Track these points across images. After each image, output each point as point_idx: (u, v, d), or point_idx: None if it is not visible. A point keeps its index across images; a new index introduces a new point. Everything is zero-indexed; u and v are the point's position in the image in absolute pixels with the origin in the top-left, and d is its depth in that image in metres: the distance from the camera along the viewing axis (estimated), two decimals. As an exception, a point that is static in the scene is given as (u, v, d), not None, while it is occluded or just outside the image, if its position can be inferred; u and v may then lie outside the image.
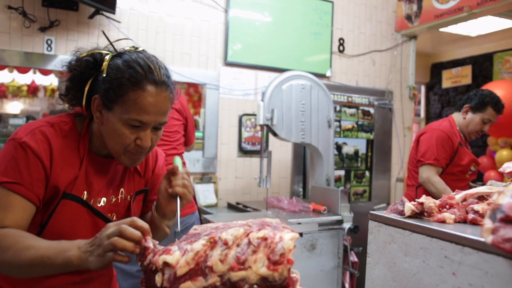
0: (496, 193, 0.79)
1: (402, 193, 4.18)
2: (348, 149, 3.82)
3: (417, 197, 2.16)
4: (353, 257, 2.65)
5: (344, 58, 4.07)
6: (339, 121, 3.76)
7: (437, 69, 6.30)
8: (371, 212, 1.18)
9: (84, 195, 1.14)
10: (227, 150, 3.56)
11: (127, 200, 1.27)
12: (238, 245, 0.79)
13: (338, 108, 3.75)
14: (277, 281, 0.75)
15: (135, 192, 1.29)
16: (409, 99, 4.45)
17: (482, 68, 5.61)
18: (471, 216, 1.00)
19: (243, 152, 3.62)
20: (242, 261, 0.76)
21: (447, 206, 1.07)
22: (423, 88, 6.50)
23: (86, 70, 1.15)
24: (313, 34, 3.88)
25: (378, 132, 3.98)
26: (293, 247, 0.77)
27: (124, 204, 1.27)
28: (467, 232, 0.90)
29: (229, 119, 3.58)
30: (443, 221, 1.01)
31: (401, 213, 1.09)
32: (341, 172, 3.78)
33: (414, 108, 4.48)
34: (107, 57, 1.13)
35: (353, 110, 3.84)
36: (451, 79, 6.02)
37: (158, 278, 0.78)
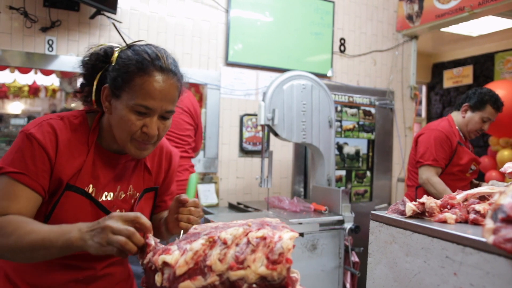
0: (498, 193, 0.78)
1: (403, 193, 4.18)
2: (349, 149, 3.82)
3: (417, 198, 2.16)
4: (354, 257, 2.65)
5: (345, 58, 4.07)
6: (340, 121, 3.76)
7: (438, 69, 6.29)
8: (372, 212, 1.18)
9: (90, 188, 1.15)
10: (228, 150, 3.56)
11: (136, 197, 1.27)
12: (237, 245, 0.79)
13: (339, 108, 3.75)
14: (276, 281, 0.75)
15: (144, 189, 1.29)
16: (410, 99, 4.45)
17: (483, 68, 5.60)
18: (473, 216, 1.00)
19: (244, 152, 3.62)
20: (241, 261, 0.76)
21: (448, 206, 1.07)
22: (424, 88, 6.50)
23: (97, 63, 1.17)
24: (314, 34, 3.88)
25: (379, 132, 3.98)
26: (292, 247, 0.77)
27: (132, 201, 1.26)
28: (468, 232, 0.90)
29: (230, 119, 3.58)
30: (444, 221, 1.01)
31: (402, 213, 1.09)
32: (342, 172, 3.78)
33: (415, 108, 4.48)
34: (117, 49, 1.15)
35: (354, 110, 3.84)
36: (452, 79, 6.01)
37: (158, 278, 0.79)
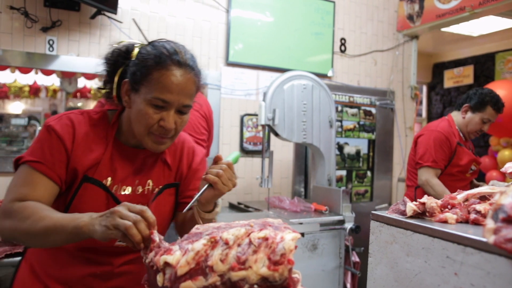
0: (498, 193, 0.78)
1: (404, 193, 4.17)
2: (350, 149, 3.82)
3: (416, 198, 2.16)
4: (355, 257, 2.65)
5: (346, 58, 4.07)
6: (341, 121, 3.76)
7: (439, 69, 6.29)
8: (373, 212, 1.18)
9: (108, 181, 1.17)
10: (229, 150, 3.56)
11: (154, 193, 1.26)
12: (239, 245, 0.78)
13: (340, 108, 3.75)
14: (278, 281, 0.75)
15: (164, 185, 1.28)
16: (411, 99, 4.45)
17: (484, 68, 5.60)
18: (473, 216, 1.00)
19: (245, 152, 3.62)
20: (243, 261, 0.76)
21: (449, 206, 1.07)
22: (425, 88, 6.49)
23: (118, 59, 1.20)
24: (315, 34, 3.88)
25: (380, 132, 3.98)
26: (294, 248, 0.77)
27: (151, 196, 1.25)
28: (469, 232, 0.90)
29: (231, 119, 3.58)
30: (445, 221, 1.01)
31: (403, 213, 1.09)
32: (343, 172, 3.78)
33: (416, 108, 4.48)
34: (138, 45, 1.19)
35: (355, 110, 3.84)
36: (453, 79, 6.00)
37: (160, 278, 0.79)
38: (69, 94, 4.52)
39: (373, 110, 3.96)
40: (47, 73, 4.85)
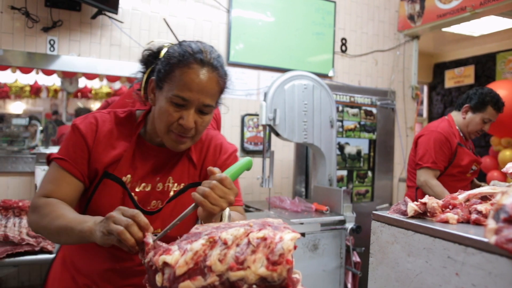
0: (500, 193, 0.78)
1: (405, 194, 4.17)
2: (351, 149, 3.81)
3: (417, 198, 2.15)
4: (356, 257, 2.65)
5: (347, 58, 4.07)
6: (342, 121, 3.76)
7: (440, 69, 6.28)
8: (374, 212, 1.18)
9: (128, 178, 1.18)
10: (230, 150, 3.55)
11: (176, 190, 1.25)
12: (238, 245, 0.78)
13: (341, 108, 3.75)
14: (276, 282, 0.74)
15: (188, 184, 1.26)
16: (412, 99, 4.45)
17: (485, 68, 5.59)
18: (474, 217, 1.00)
19: (246, 152, 3.62)
20: (241, 261, 0.76)
21: (450, 206, 1.07)
22: (426, 88, 6.49)
23: (149, 59, 1.22)
24: (316, 34, 3.87)
25: (381, 132, 3.98)
26: (293, 248, 0.76)
27: (172, 193, 1.24)
28: (470, 233, 0.89)
29: (232, 119, 3.58)
30: (446, 221, 1.01)
31: (404, 213, 1.09)
32: (344, 172, 3.78)
33: (417, 108, 4.48)
34: (167, 45, 1.20)
35: (356, 110, 3.84)
36: (454, 79, 6.00)
37: (158, 278, 0.79)
38: (70, 94, 4.51)
39: (374, 110, 3.95)
40: (48, 73, 4.84)
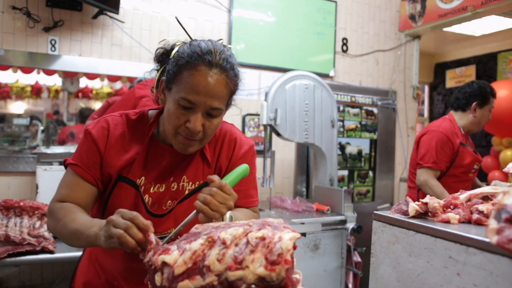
0: (501, 193, 0.78)
1: (406, 194, 4.17)
2: (352, 149, 3.81)
3: (419, 199, 2.15)
4: (357, 257, 2.65)
5: (348, 58, 4.07)
6: (343, 121, 3.76)
7: (441, 69, 6.27)
8: (375, 212, 1.18)
9: (142, 181, 1.18)
10: (230, 150, 3.55)
11: (190, 189, 1.24)
12: (237, 245, 0.78)
13: (342, 108, 3.75)
14: (275, 281, 0.74)
15: (202, 183, 1.25)
16: (413, 99, 4.44)
17: (486, 68, 5.58)
18: (476, 217, 1.00)
19: (246, 152, 3.62)
20: (240, 261, 0.76)
21: (452, 206, 1.07)
22: (427, 88, 6.48)
23: (163, 58, 1.20)
24: (317, 34, 3.87)
25: (382, 132, 3.97)
26: (293, 248, 0.76)
27: (186, 192, 1.23)
28: (472, 233, 0.89)
29: (232, 119, 3.57)
30: (448, 221, 1.01)
31: (405, 213, 1.09)
32: (345, 172, 3.77)
33: (418, 108, 4.47)
34: (179, 44, 1.18)
35: (357, 110, 3.83)
36: (455, 79, 5.99)
37: (158, 278, 0.79)
38: (71, 94, 4.52)
39: (375, 110, 3.95)
40: (49, 73, 4.85)
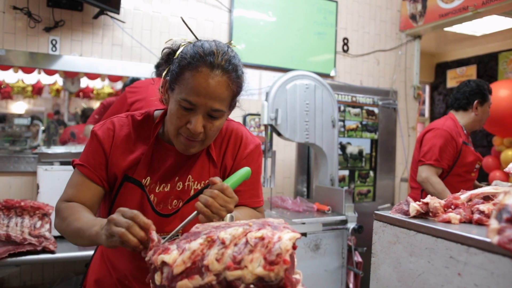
0: (502, 193, 0.78)
1: (407, 193, 4.16)
2: (352, 149, 3.81)
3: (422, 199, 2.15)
4: (357, 257, 2.65)
5: (348, 58, 4.07)
6: (343, 121, 3.76)
7: (442, 69, 6.27)
8: (376, 212, 1.18)
9: (147, 181, 1.19)
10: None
11: (197, 188, 1.24)
12: (236, 245, 0.79)
13: (342, 108, 3.75)
14: (274, 281, 0.74)
15: (208, 184, 1.25)
16: (414, 99, 4.44)
17: (487, 68, 5.58)
18: (477, 216, 1.00)
19: (247, 152, 3.62)
20: (238, 261, 0.76)
21: (453, 206, 1.07)
22: (428, 88, 6.47)
23: (169, 58, 1.21)
24: (317, 34, 3.87)
25: (383, 132, 3.97)
26: (292, 248, 0.76)
27: (192, 192, 1.23)
28: (473, 233, 0.89)
29: (233, 119, 3.57)
30: (449, 221, 1.01)
31: (406, 213, 1.09)
32: (345, 172, 3.77)
33: (419, 108, 4.46)
34: (184, 44, 1.18)
35: (357, 110, 3.83)
36: (456, 79, 5.99)
37: (157, 277, 0.80)
38: (72, 94, 4.53)
39: (376, 110, 3.95)
40: (50, 73, 4.85)
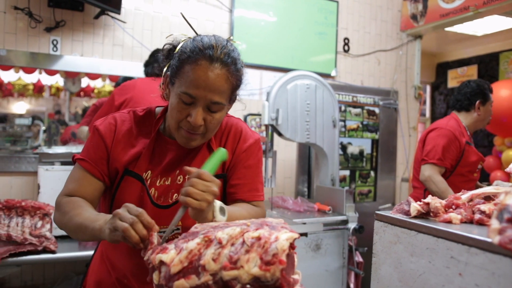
0: (503, 193, 0.78)
1: (408, 193, 4.16)
2: (353, 149, 3.81)
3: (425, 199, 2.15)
4: (358, 257, 2.65)
5: (349, 58, 4.06)
6: (344, 121, 3.75)
7: (443, 69, 6.26)
8: (377, 212, 1.18)
9: (148, 174, 1.19)
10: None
11: None
12: (233, 244, 0.79)
13: (343, 108, 3.74)
14: (270, 281, 0.74)
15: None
16: (415, 99, 4.43)
17: (488, 68, 5.57)
18: (478, 217, 1.00)
19: (248, 152, 3.62)
20: (235, 261, 0.76)
21: (453, 206, 1.07)
22: (429, 88, 6.47)
23: (169, 53, 1.21)
24: (318, 34, 3.87)
25: (383, 132, 3.97)
26: (288, 248, 0.76)
27: None
28: (474, 233, 0.89)
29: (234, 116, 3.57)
30: (449, 221, 1.01)
31: (407, 213, 1.09)
32: (346, 172, 3.77)
33: (420, 108, 4.46)
34: (184, 39, 1.19)
35: (358, 110, 3.83)
36: (457, 79, 5.98)
37: (155, 276, 0.80)
38: (73, 94, 4.53)
39: (377, 110, 3.95)
40: (51, 73, 4.85)
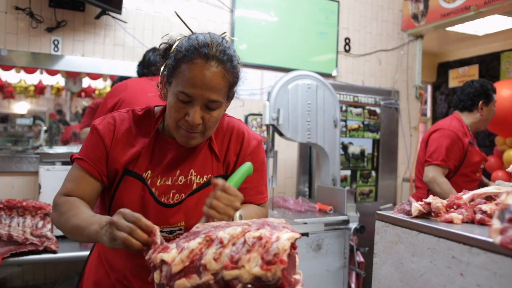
0: (504, 193, 0.78)
1: (409, 193, 4.16)
2: (354, 149, 3.81)
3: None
4: (359, 257, 2.64)
5: (350, 58, 4.06)
6: (345, 121, 3.75)
7: (444, 69, 6.26)
8: (378, 212, 1.17)
9: (148, 174, 1.19)
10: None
11: (199, 182, 1.24)
12: (234, 244, 0.79)
13: (344, 108, 3.74)
14: (271, 281, 0.74)
15: (213, 177, 1.23)
16: (416, 99, 4.43)
17: (489, 68, 5.57)
18: (479, 216, 1.00)
19: (249, 152, 3.62)
20: (236, 260, 0.76)
21: (455, 206, 1.07)
22: (430, 88, 6.46)
23: (166, 53, 1.20)
24: (319, 34, 3.87)
25: (384, 132, 3.96)
26: (289, 248, 0.76)
27: (195, 186, 1.23)
28: (475, 233, 0.89)
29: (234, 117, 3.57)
30: (451, 221, 1.01)
31: (408, 213, 1.09)
32: (347, 172, 3.77)
33: (421, 108, 4.46)
34: (180, 38, 1.18)
35: (359, 110, 3.83)
36: (458, 79, 5.97)
37: (157, 275, 0.80)
38: (74, 94, 4.54)
39: (378, 110, 3.94)
40: (52, 73, 4.86)
